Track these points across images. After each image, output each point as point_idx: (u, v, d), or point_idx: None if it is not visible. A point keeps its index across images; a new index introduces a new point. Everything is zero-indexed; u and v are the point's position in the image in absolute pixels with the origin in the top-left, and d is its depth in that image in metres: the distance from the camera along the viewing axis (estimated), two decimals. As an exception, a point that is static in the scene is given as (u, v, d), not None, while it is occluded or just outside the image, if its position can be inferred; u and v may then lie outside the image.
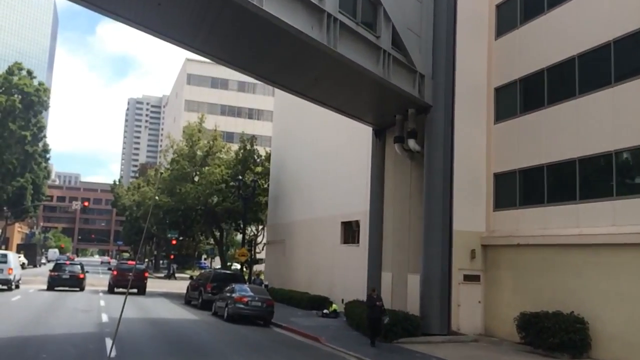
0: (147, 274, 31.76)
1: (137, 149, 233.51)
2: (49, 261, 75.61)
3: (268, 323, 20.36)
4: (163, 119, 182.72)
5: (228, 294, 21.19)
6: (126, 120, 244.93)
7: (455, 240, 18.10)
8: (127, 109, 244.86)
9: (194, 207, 35.32)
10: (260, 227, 46.35)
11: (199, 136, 37.06)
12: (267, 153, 40.07)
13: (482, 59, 19.40)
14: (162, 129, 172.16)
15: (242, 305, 19.86)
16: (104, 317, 18.22)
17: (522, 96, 18.07)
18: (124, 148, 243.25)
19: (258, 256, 42.71)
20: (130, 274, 29.44)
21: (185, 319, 20.29)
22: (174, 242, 56.09)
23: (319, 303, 26.19)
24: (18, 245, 71.09)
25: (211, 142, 36.91)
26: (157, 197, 35.50)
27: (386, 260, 21.18)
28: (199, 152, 36.41)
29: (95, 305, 22.91)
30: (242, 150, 37.28)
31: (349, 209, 26.34)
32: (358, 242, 25.36)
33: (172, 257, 58.17)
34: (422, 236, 18.61)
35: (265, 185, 37.34)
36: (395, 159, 21.16)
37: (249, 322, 19.86)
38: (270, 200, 37.36)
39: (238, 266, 57.65)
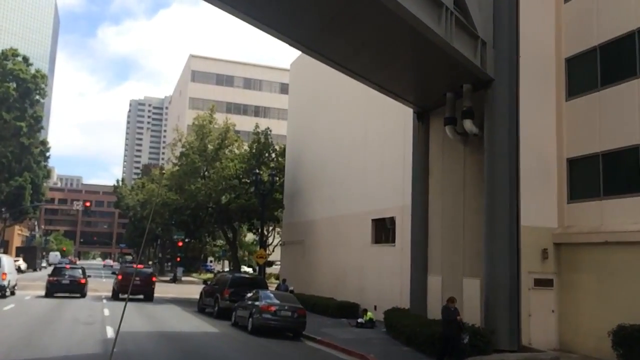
0: (154, 279, 28.92)
1: (139, 150, 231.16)
2: (50, 265, 72.83)
3: (299, 335, 17.57)
4: (166, 120, 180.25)
5: (250, 302, 18.43)
6: (128, 122, 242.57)
7: (523, 237, 15.27)
8: (129, 111, 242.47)
9: (204, 205, 32.44)
10: (271, 227, 43.56)
11: (210, 128, 34.23)
12: (280, 148, 37.31)
13: (550, 25, 16.56)
14: (165, 130, 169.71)
15: (269, 316, 17.07)
16: (109, 332, 15.40)
17: (603, 66, 15.23)
18: (126, 150, 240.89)
19: (269, 258, 39.84)
20: (137, 278, 26.81)
21: (204, 332, 17.46)
22: (180, 244, 53.33)
23: (348, 310, 23.48)
24: (17, 248, 68.47)
25: (223, 134, 34.06)
26: (165, 194, 32.75)
27: (434, 262, 18.35)
28: (210, 146, 33.54)
29: (99, 315, 20.10)
30: (256, 144, 34.43)
31: (381, 205, 23.56)
32: (393, 241, 22.57)
33: (178, 259, 55.37)
34: (481, 234, 15.81)
35: (281, 181, 34.53)
36: (444, 145, 18.35)
37: (276, 335, 17.07)
38: (285, 198, 34.63)
39: (246, 268, 55.11)
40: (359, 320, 20.48)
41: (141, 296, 27.52)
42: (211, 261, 78.75)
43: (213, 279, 25.55)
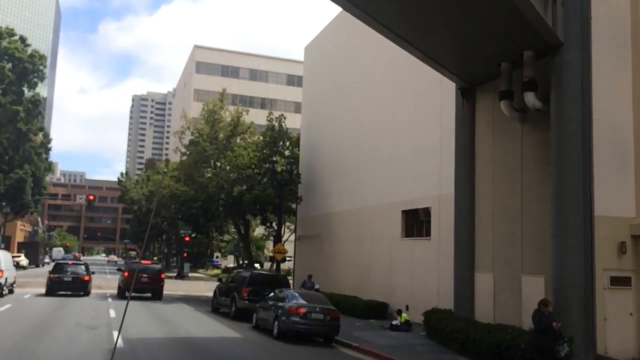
0: (163, 276, 26.81)
1: (142, 146, 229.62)
2: (53, 260, 70.98)
3: (331, 341, 15.47)
4: (169, 116, 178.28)
5: (273, 302, 16.33)
6: (131, 118, 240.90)
7: (598, 229, 13.07)
8: (132, 106, 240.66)
9: (216, 197, 30.25)
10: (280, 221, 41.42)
11: (221, 114, 31.98)
12: (293, 137, 35.10)
13: (625, -18, 14.31)
14: (169, 126, 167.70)
15: (297, 319, 14.95)
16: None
17: (695, 27, 13.01)
18: (128, 146, 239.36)
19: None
20: (145, 275, 24.78)
21: (224, 338, 15.31)
22: (187, 239, 51.27)
23: (377, 310, 21.42)
24: (19, 243, 66.66)
25: (235, 120, 31.82)
26: (173, 186, 30.62)
27: (483, 258, 16.17)
28: (221, 134, 31.31)
29: (104, 317, 18.01)
30: (270, 132, 32.21)
31: (413, 194, 21.38)
32: (428, 234, 20.40)
33: (185, 255, 53.35)
34: (544, 225, 13.65)
35: (296, 172, 32.37)
36: (494, 124, 16.15)
37: (306, 340, 14.98)
38: (300, 190, 32.47)
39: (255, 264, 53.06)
40: (394, 322, 18.35)
41: (149, 294, 25.46)
42: (217, 257, 76.84)
43: (228, 277, 23.39)
